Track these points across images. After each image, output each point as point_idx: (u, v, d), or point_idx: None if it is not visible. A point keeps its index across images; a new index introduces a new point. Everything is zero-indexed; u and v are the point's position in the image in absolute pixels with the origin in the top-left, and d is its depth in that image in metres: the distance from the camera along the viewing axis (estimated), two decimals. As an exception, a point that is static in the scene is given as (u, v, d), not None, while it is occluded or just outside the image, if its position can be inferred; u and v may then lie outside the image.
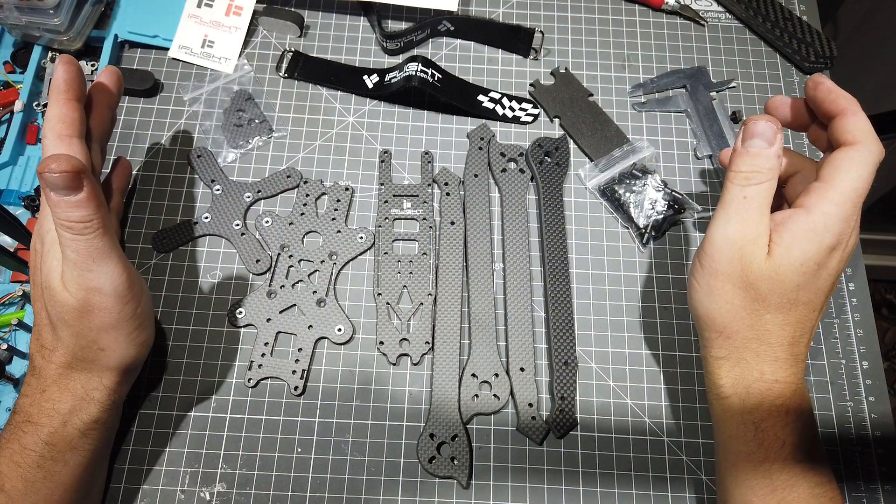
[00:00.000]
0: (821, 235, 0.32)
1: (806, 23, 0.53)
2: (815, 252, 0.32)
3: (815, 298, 0.34)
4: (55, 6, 0.46)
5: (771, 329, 0.34)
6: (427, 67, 0.49)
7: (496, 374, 0.42)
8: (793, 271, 0.32)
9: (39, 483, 0.34)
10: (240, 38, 0.52)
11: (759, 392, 0.34)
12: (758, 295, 0.33)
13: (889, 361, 1.20)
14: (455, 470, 0.40)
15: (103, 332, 0.35)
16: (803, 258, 0.32)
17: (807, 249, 0.32)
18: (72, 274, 0.33)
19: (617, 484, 0.41)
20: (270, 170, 0.49)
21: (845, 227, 0.32)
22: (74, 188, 0.31)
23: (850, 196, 0.32)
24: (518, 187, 0.48)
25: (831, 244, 0.32)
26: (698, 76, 0.52)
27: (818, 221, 0.32)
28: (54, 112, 0.35)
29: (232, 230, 0.46)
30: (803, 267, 0.32)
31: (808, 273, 0.33)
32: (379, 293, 0.45)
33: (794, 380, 0.34)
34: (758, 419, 0.34)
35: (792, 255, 0.32)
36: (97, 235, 0.33)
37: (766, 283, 0.33)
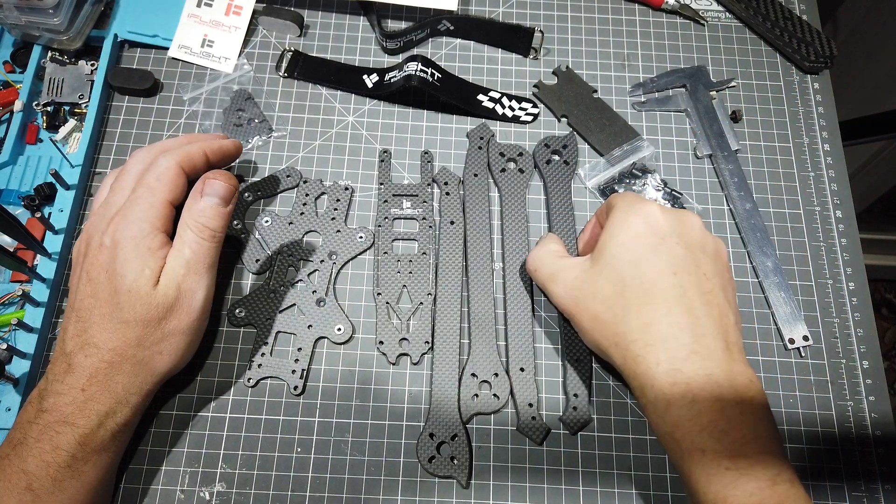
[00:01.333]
0: (623, 220, 0.37)
1: (806, 22, 0.53)
2: (627, 230, 0.36)
3: (659, 260, 0.35)
4: (55, 6, 0.46)
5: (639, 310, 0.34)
6: (427, 67, 0.49)
7: (496, 373, 0.42)
8: (615, 255, 0.36)
9: (67, 482, 0.34)
10: (239, 38, 0.52)
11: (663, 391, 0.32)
12: (604, 293, 0.36)
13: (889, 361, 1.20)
14: (455, 469, 0.40)
15: (172, 336, 0.36)
16: (617, 240, 0.36)
17: (617, 234, 0.37)
18: (178, 272, 0.36)
19: (617, 484, 0.41)
20: (270, 169, 0.49)
21: (641, 207, 0.37)
22: (228, 201, 0.38)
23: (627, 198, 0.38)
24: (517, 187, 0.48)
25: (639, 220, 0.36)
26: (698, 75, 0.52)
27: (614, 218, 0.37)
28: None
29: (231, 230, 0.46)
30: (622, 244, 0.36)
31: (631, 247, 0.36)
32: (378, 293, 0.45)
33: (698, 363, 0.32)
34: (671, 428, 0.33)
35: (607, 245, 0.37)
36: (217, 245, 0.38)
37: (601, 281, 0.36)
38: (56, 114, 0.49)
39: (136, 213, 0.36)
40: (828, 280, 0.47)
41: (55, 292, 0.44)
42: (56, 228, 0.44)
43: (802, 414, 0.43)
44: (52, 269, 0.43)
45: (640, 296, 0.35)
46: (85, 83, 0.50)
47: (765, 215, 0.48)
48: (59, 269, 0.44)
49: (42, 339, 0.42)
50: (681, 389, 0.32)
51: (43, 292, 0.43)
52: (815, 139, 0.51)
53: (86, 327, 0.35)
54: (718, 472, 0.31)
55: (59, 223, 0.45)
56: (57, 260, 0.44)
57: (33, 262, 0.44)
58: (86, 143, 0.47)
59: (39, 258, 0.44)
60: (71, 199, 0.46)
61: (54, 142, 0.47)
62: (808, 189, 0.49)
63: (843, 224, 0.48)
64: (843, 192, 0.49)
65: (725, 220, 0.48)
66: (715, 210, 0.48)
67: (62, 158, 0.47)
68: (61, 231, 0.45)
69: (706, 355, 0.33)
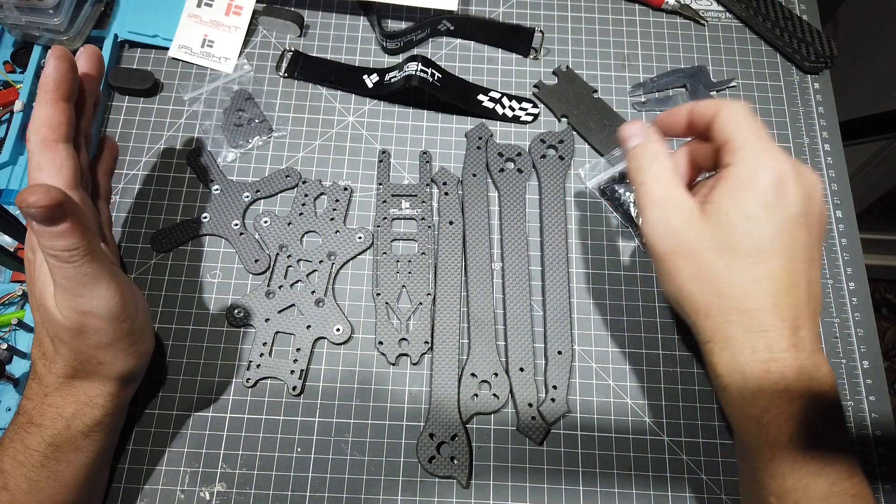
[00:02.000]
0: (752, 176, 0.32)
1: (806, 22, 0.53)
2: (752, 194, 0.32)
3: (782, 243, 0.32)
4: (55, 6, 0.46)
5: (743, 290, 0.32)
6: (427, 67, 0.49)
7: (495, 373, 0.42)
8: (733, 220, 0.32)
9: (43, 483, 0.34)
10: (240, 38, 0.52)
11: (755, 376, 0.32)
12: (707, 257, 0.33)
13: (889, 361, 1.20)
14: (455, 469, 0.40)
15: (100, 350, 0.34)
16: (740, 203, 0.32)
17: (740, 194, 0.32)
18: (63, 298, 0.32)
19: (617, 484, 0.41)
20: (270, 169, 0.49)
21: (775, 160, 0.32)
22: (57, 220, 0.29)
23: (756, 134, 0.33)
24: (516, 187, 0.48)
25: (769, 181, 0.32)
26: (698, 75, 0.52)
27: (742, 167, 0.32)
28: (41, 114, 0.33)
29: (231, 230, 0.46)
30: (744, 212, 0.32)
31: (753, 217, 0.32)
32: (378, 293, 0.45)
33: (794, 355, 0.31)
34: (759, 412, 0.32)
35: (725, 204, 0.32)
36: (85, 262, 0.31)
37: (709, 242, 0.33)
38: (56, 114, 0.49)
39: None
40: (828, 280, 0.47)
41: (55, 292, 0.44)
42: (56, 228, 0.44)
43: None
44: (52, 269, 0.43)
45: (748, 274, 0.32)
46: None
47: (765, 215, 0.48)
48: (59, 269, 0.44)
49: (42, 339, 0.42)
50: (774, 378, 0.31)
51: (43, 292, 0.43)
52: (815, 139, 0.51)
53: (39, 338, 0.35)
54: (801, 462, 0.30)
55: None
56: (57, 260, 0.44)
57: (33, 262, 0.44)
58: (86, 143, 0.47)
59: (39, 258, 0.44)
60: (71, 199, 0.45)
61: (54, 142, 0.47)
62: (808, 189, 0.49)
63: (843, 224, 0.48)
64: (843, 192, 0.49)
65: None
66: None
67: (62, 158, 0.47)
68: (61, 231, 0.45)
69: (801, 348, 0.32)
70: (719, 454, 0.42)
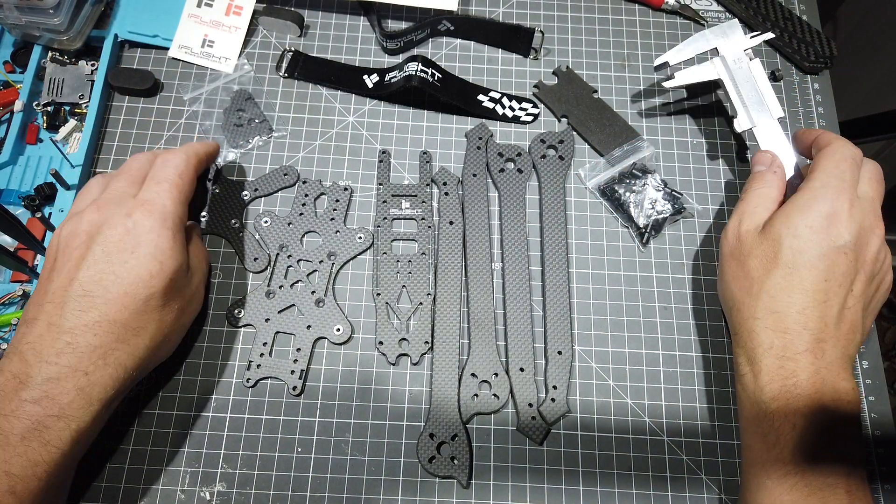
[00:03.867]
0: (808, 203, 0.37)
1: (806, 22, 0.53)
2: (803, 216, 0.37)
3: (820, 264, 0.36)
4: (55, 6, 0.46)
5: (773, 294, 0.36)
6: (427, 67, 0.49)
7: (496, 373, 0.42)
8: (781, 234, 0.37)
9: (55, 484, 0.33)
10: (240, 38, 0.52)
11: (769, 370, 0.35)
12: (751, 262, 0.38)
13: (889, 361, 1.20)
14: (455, 469, 0.40)
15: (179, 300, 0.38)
16: (790, 222, 0.37)
17: (793, 215, 0.37)
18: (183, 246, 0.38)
19: (617, 484, 0.41)
20: (270, 170, 0.49)
21: (836, 197, 0.37)
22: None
23: (832, 173, 0.38)
24: (516, 187, 0.48)
25: (822, 210, 0.36)
26: (728, 33, 0.46)
27: (804, 195, 0.38)
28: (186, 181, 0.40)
29: (230, 228, 0.46)
30: (792, 229, 0.37)
31: (798, 236, 0.36)
32: (378, 293, 0.45)
33: (810, 360, 0.34)
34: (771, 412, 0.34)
35: (778, 222, 0.37)
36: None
37: (756, 250, 0.38)
38: (56, 114, 0.49)
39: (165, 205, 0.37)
40: (828, 280, 0.47)
41: (55, 292, 0.44)
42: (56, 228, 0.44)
43: (802, 414, 0.43)
44: (53, 270, 0.43)
45: (782, 282, 0.36)
46: (85, 83, 0.50)
47: (765, 215, 0.48)
48: (59, 270, 0.44)
49: (42, 339, 0.42)
50: (786, 374, 0.34)
51: (43, 292, 0.43)
52: (815, 139, 0.51)
53: (95, 303, 0.33)
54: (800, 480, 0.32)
55: (60, 223, 0.45)
56: (57, 260, 0.44)
57: (33, 262, 0.44)
58: (86, 143, 0.47)
59: (39, 258, 0.44)
60: (71, 199, 0.46)
61: (54, 142, 0.47)
62: (808, 189, 0.49)
63: (843, 224, 0.48)
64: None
65: (725, 220, 0.48)
66: (715, 210, 0.48)
67: (62, 158, 0.47)
68: (61, 231, 0.45)
69: (820, 356, 0.34)
70: (719, 454, 0.42)
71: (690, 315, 0.45)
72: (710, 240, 0.47)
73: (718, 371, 0.44)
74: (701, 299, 0.46)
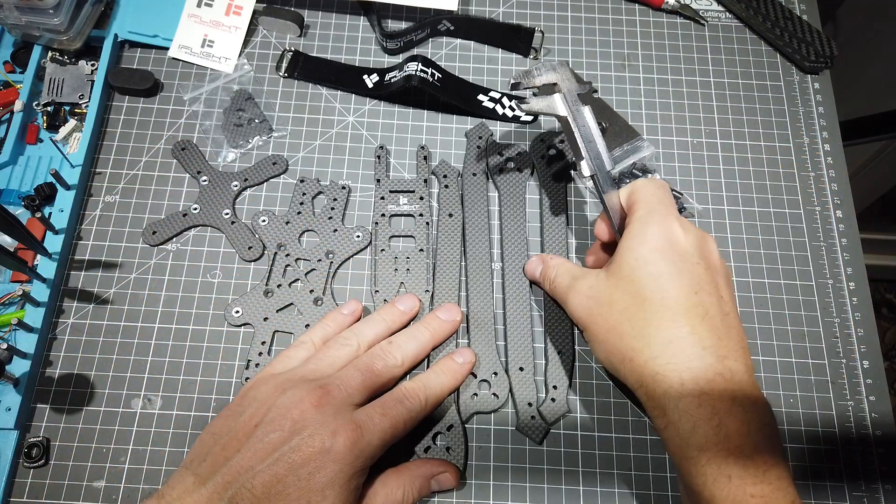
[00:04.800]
0: (642, 231, 0.36)
1: (806, 22, 0.53)
2: (644, 243, 0.35)
3: (683, 278, 0.34)
4: (55, 6, 0.46)
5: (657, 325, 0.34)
6: (427, 67, 0.49)
7: (495, 372, 0.42)
8: (632, 267, 0.35)
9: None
10: (240, 38, 0.52)
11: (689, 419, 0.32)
12: (617, 307, 0.36)
13: (889, 361, 1.20)
14: (449, 459, 0.40)
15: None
16: (635, 253, 0.35)
17: (634, 246, 0.36)
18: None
19: (617, 484, 0.41)
20: (259, 159, 0.49)
21: (663, 219, 0.36)
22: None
23: (651, 200, 0.37)
24: (516, 187, 0.48)
25: (658, 232, 0.35)
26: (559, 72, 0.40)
27: (634, 226, 0.36)
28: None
29: (222, 219, 0.46)
30: (641, 258, 0.35)
31: (650, 261, 0.35)
32: (376, 290, 0.45)
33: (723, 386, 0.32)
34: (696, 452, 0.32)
35: (622, 258, 0.36)
36: None
37: (617, 293, 0.36)
38: (56, 114, 0.49)
39: (372, 444, 0.34)
40: (828, 280, 0.47)
41: (55, 292, 0.44)
42: (56, 228, 0.44)
43: (802, 414, 0.43)
44: (53, 270, 0.43)
45: (661, 311, 0.34)
46: (85, 83, 0.50)
47: (765, 215, 0.48)
48: (59, 269, 0.44)
49: (42, 339, 0.42)
50: (707, 412, 0.31)
51: (43, 292, 0.43)
52: (815, 139, 0.51)
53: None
54: (744, 499, 0.30)
55: (60, 223, 0.45)
56: (57, 260, 0.44)
57: (34, 262, 0.44)
58: (86, 143, 0.47)
59: (40, 258, 0.44)
60: (71, 199, 0.46)
61: (54, 142, 0.47)
62: (808, 189, 0.49)
63: (843, 224, 0.48)
64: (844, 192, 0.49)
65: (726, 220, 0.48)
66: (715, 210, 0.48)
67: (62, 158, 0.47)
68: (62, 231, 0.45)
69: (729, 377, 0.32)
70: (719, 454, 0.41)
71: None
72: (710, 240, 0.47)
73: (718, 371, 0.44)
74: (701, 299, 0.46)
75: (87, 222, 0.46)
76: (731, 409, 0.31)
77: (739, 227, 0.48)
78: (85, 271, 0.45)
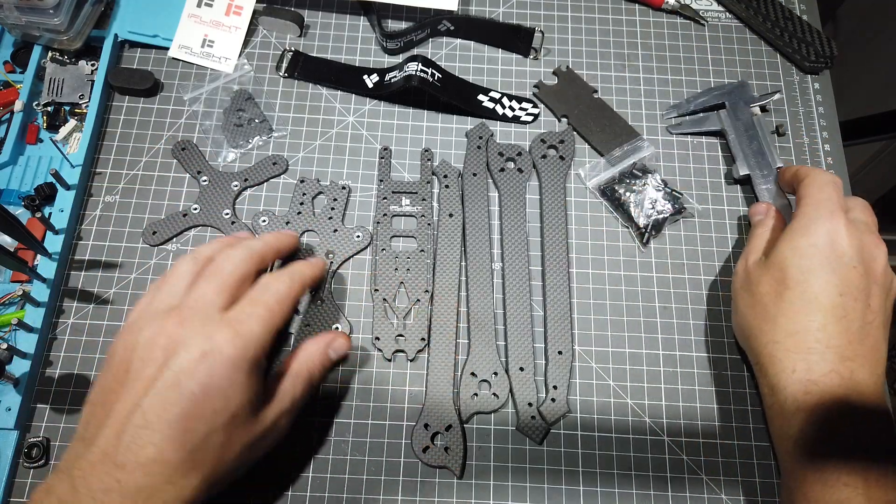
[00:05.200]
0: (807, 225, 0.38)
1: (806, 22, 0.53)
2: (805, 237, 0.37)
3: (832, 278, 0.36)
4: (55, 6, 0.46)
5: (790, 316, 0.36)
6: (427, 67, 0.49)
7: (495, 372, 0.42)
8: (786, 257, 0.38)
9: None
10: (240, 38, 0.52)
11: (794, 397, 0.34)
12: (761, 289, 0.38)
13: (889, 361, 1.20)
14: (448, 460, 0.40)
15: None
16: (793, 244, 0.38)
17: (795, 237, 0.38)
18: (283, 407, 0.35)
19: (617, 484, 0.41)
20: (259, 159, 0.49)
21: (831, 218, 0.38)
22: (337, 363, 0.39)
23: (820, 197, 0.39)
24: (516, 186, 0.48)
25: (822, 229, 0.37)
26: (738, 92, 0.50)
27: (800, 220, 0.39)
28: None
29: (222, 219, 0.46)
30: (796, 250, 0.37)
31: (805, 255, 0.37)
32: (376, 289, 0.45)
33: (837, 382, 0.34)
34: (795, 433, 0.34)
35: (781, 247, 0.38)
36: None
37: (765, 276, 0.38)
38: (56, 114, 0.49)
39: (253, 331, 0.33)
40: (828, 280, 0.47)
41: (55, 292, 0.44)
42: (56, 228, 0.44)
43: (802, 414, 0.43)
44: (53, 270, 0.43)
45: (797, 303, 0.36)
46: (85, 83, 0.50)
47: (765, 215, 0.48)
48: (59, 270, 0.44)
49: (42, 339, 0.42)
50: (814, 399, 0.33)
51: (43, 292, 0.43)
52: (815, 139, 0.51)
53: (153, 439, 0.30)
54: (837, 486, 0.31)
55: (60, 223, 0.45)
56: (57, 260, 0.44)
57: (34, 262, 0.44)
58: (86, 143, 0.47)
59: (40, 258, 0.44)
60: (71, 199, 0.46)
61: (54, 142, 0.47)
62: (809, 189, 0.49)
63: (843, 224, 0.48)
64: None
65: (726, 220, 0.48)
66: (715, 210, 0.48)
67: (62, 158, 0.47)
68: (62, 231, 0.45)
69: (848, 377, 0.34)
70: (719, 454, 0.42)
71: (690, 315, 0.45)
72: (710, 240, 0.47)
73: (719, 371, 0.44)
74: (701, 299, 0.46)
75: (87, 222, 0.47)
76: (839, 406, 0.33)
77: (739, 228, 0.48)
78: (85, 271, 0.45)
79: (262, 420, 0.34)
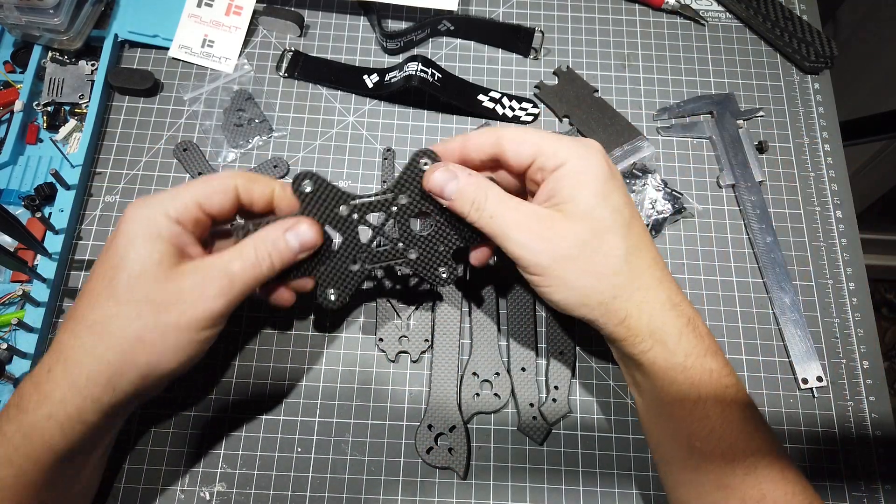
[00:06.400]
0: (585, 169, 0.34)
1: (806, 22, 0.53)
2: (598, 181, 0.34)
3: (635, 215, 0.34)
4: (55, 6, 0.46)
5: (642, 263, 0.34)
6: (427, 67, 0.49)
7: (497, 372, 0.42)
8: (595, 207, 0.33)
9: None
10: (240, 38, 0.52)
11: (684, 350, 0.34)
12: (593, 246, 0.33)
13: (889, 361, 1.20)
14: (452, 461, 0.40)
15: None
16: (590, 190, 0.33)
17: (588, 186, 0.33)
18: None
19: (617, 484, 0.41)
20: (260, 162, 0.49)
21: (584, 148, 0.34)
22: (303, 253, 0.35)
23: (552, 135, 0.35)
24: (518, 187, 0.48)
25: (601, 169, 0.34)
26: (725, 103, 0.51)
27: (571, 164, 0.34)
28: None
29: None
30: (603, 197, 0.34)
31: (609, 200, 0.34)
32: (379, 293, 0.45)
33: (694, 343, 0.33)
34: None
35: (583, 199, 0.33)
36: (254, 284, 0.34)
37: (588, 234, 0.33)
38: (56, 114, 0.49)
39: (162, 195, 0.33)
40: (828, 280, 0.47)
41: (55, 292, 0.44)
42: (56, 228, 0.44)
43: (802, 414, 0.43)
44: (53, 269, 0.43)
45: (642, 247, 0.34)
46: (85, 83, 0.50)
47: (765, 215, 0.48)
48: (59, 270, 0.44)
49: (42, 339, 0.42)
50: (683, 320, 0.34)
51: (43, 292, 0.43)
52: (815, 139, 0.51)
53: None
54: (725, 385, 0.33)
55: (60, 223, 0.45)
56: (57, 260, 0.44)
57: (33, 262, 0.44)
58: (86, 143, 0.47)
59: (40, 258, 0.44)
60: (71, 199, 0.46)
61: (54, 142, 0.47)
62: (808, 189, 0.49)
63: (843, 224, 0.48)
64: (843, 192, 0.49)
65: (726, 220, 0.48)
66: (715, 210, 0.48)
67: (62, 158, 0.47)
68: (61, 231, 0.45)
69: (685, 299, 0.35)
70: (719, 454, 0.41)
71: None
72: (710, 240, 0.47)
73: (718, 371, 0.44)
74: (701, 299, 0.46)
75: (87, 222, 0.46)
76: (696, 315, 0.35)
77: (739, 228, 0.48)
78: (85, 271, 0.45)
79: (177, 282, 0.32)
